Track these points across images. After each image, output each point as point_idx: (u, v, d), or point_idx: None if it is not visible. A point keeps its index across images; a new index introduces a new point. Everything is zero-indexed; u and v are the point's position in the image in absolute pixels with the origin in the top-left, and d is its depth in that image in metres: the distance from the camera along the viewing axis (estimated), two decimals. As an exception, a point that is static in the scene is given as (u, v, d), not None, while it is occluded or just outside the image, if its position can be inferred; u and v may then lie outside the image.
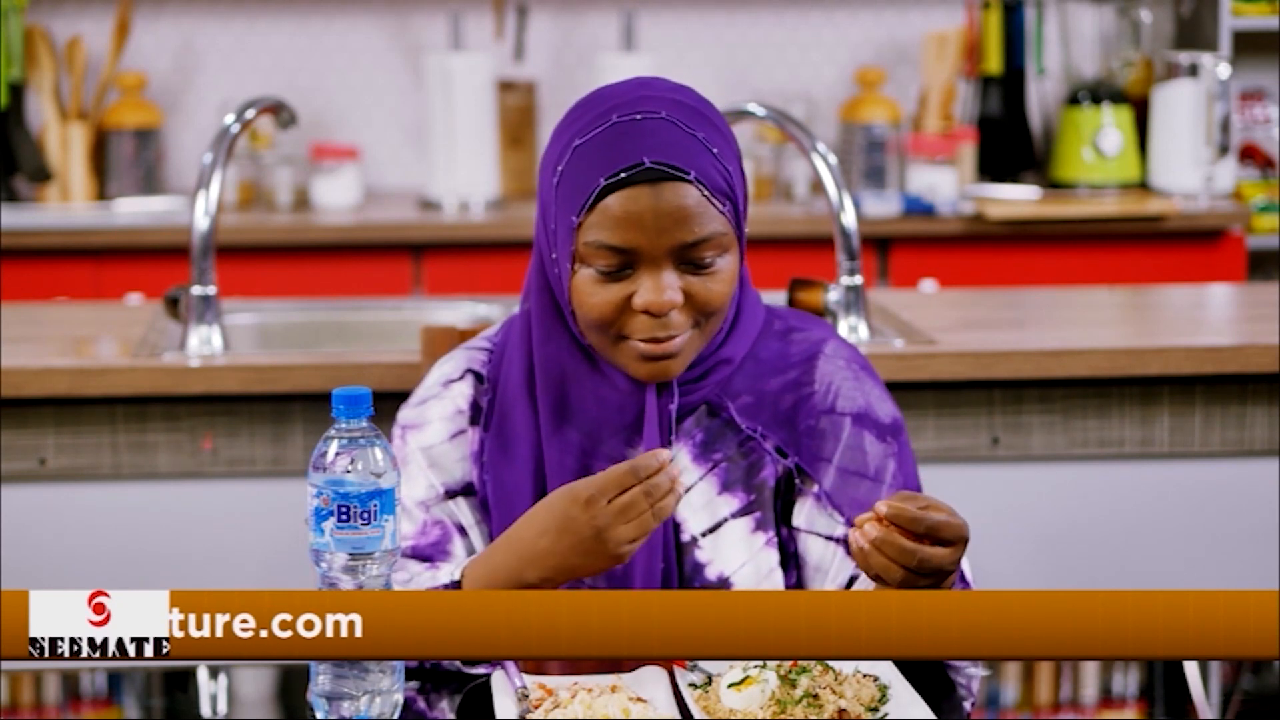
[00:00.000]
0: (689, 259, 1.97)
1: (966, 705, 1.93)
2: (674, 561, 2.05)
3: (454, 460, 2.10)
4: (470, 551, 2.08)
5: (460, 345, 2.19)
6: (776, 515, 2.07)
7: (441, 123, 4.64)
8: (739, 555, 2.05)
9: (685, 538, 2.05)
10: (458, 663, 1.94)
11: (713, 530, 2.06)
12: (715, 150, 1.98)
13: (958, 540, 1.79)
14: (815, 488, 2.05)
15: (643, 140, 1.95)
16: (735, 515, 2.06)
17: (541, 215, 2.02)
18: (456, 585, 1.96)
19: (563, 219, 1.97)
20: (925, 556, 1.77)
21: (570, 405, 2.05)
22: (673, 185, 1.94)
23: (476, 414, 2.11)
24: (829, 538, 2.05)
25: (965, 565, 1.99)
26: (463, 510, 2.09)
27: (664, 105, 1.98)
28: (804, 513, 2.07)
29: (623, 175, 1.94)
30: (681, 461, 2.07)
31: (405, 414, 2.14)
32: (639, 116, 1.97)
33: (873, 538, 1.78)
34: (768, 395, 2.08)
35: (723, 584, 2.05)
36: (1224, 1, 4.72)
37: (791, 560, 2.07)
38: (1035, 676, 2.09)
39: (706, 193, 1.95)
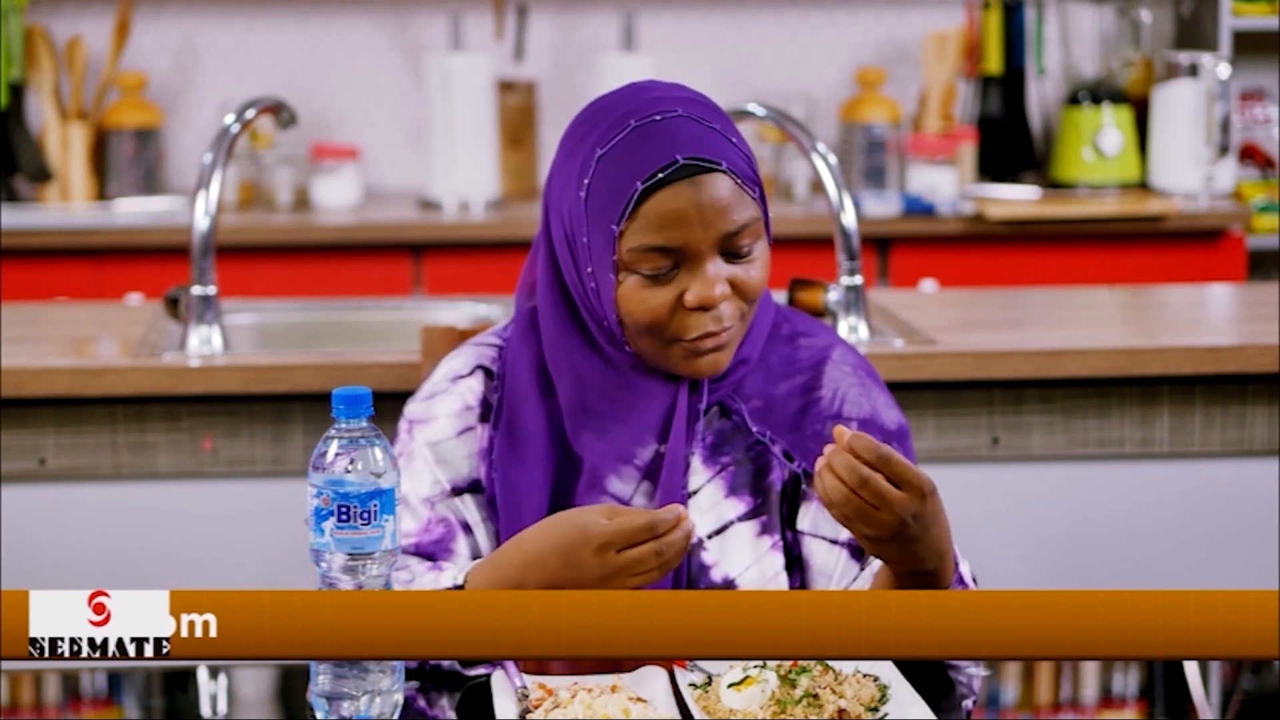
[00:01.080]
0: (730, 248, 1.98)
1: (967, 704, 1.93)
2: (683, 562, 2.05)
3: (461, 457, 2.10)
4: (474, 550, 2.08)
5: (469, 341, 2.19)
6: (782, 519, 2.07)
7: (441, 123, 4.64)
8: (745, 558, 2.06)
9: (692, 539, 2.05)
10: (455, 664, 1.94)
11: (719, 532, 2.06)
12: (734, 140, 2.00)
13: (911, 485, 1.78)
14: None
15: (669, 139, 1.96)
16: (742, 518, 2.06)
17: (566, 233, 2.01)
18: (459, 589, 1.96)
19: (599, 230, 1.97)
20: (869, 479, 1.76)
21: (591, 410, 2.04)
22: (709, 177, 1.95)
23: (486, 411, 2.11)
24: (833, 541, 2.05)
25: (966, 568, 1.99)
26: (468, 508, 2.09)
27: (677, 104, 1.99)
28: (809, 517, 2.07)
29: (659, 175, 1.94)
30: (692, 465, 2.07)
31: (413, 409, 2.14)
32: (658, 117, 1.97)
33: (828, 457, 1.78)
34: (776, 399, 2.09)
35: (728, 586, 2.05)
36: (1224, 1, 4.72)
37: (796, 564, 2.07)
38: (1035, 676, 2.09)
39: (738, 181, 1.97)
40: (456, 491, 2.09)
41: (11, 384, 2.75)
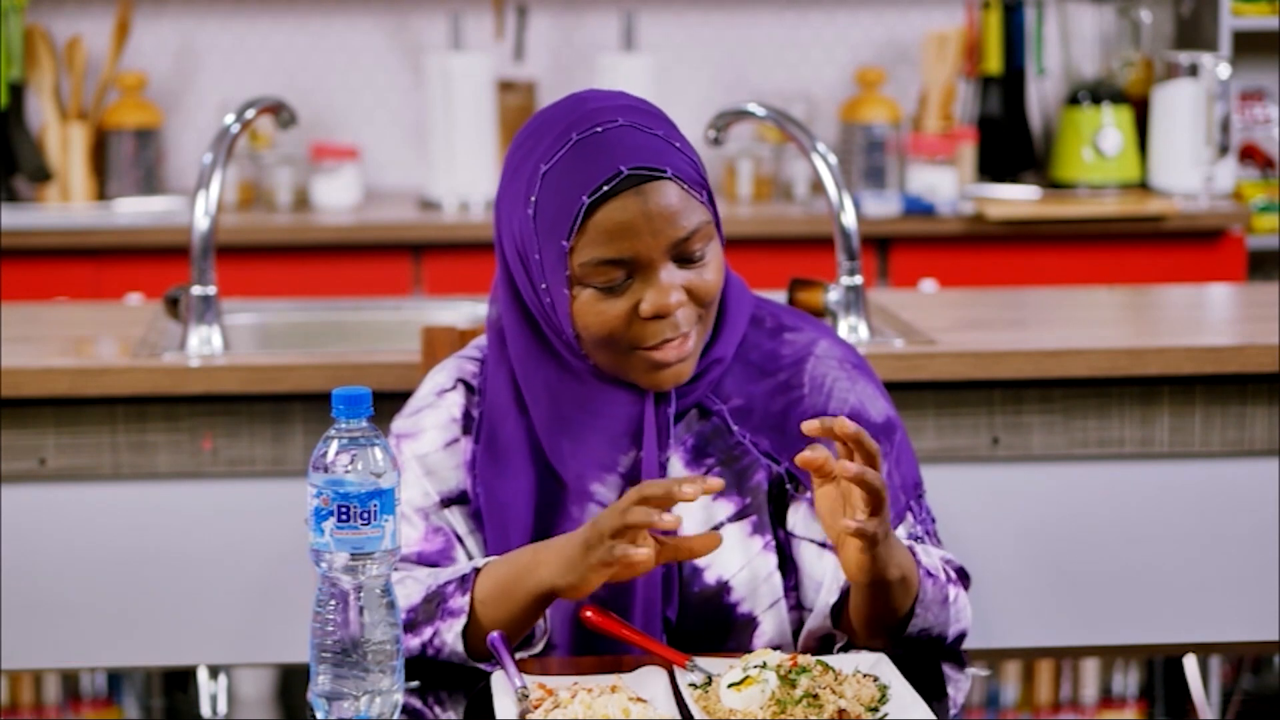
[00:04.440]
0: (682, 254, 1.97)
1: (951, 713, 1.93)
2: (675, 565, 2.04)
3: (449, 468, 2.10)
4: (469, 559, 2.08)
5: (452, 355, 2.19)
6: (771, 519, 2.07)
7: (441, 123, 4.64)
8: (737, 559, 2.05)
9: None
10: (460, 647, 1.94)
11: (709, 535, 2.06)
12: (678, 145, 1.99)
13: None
14: (808, 493, 2.05)
15: (612, 150, 1.95)
16: (731, 519, 2.06)
17: (519, 251, 2.01)
18: (476, 571, 1.97)
19: (549, 246, 1.97)
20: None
21: (566, 421, 2.04)
22: (654, 185, 1.95)
23: (469, 423, 2.11)
24: (822, 544, 2.04)
25: (933, 557, 1.99)
26: (456, 519, 2.09)
27: (617, 113, 1.99)
28: (798, 517, 2.06)
29: (605, 188, 1.94)
30: (674, 468, 2.06)
31: (399, 424, 2.14)
32: (599, 129, 1.97)
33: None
34: (757, 398, 2.08)
35: (721, 587, 2.05)
36: (1224, 1, 4.72)
37: (789, 563, 2.07)
38: (1035, 676, 2.09)
39: (685, 186, 1.97)
40: (445, 503, 2.10)
41: (11, 384, 2.75)
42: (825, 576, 2.03)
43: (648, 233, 1.94)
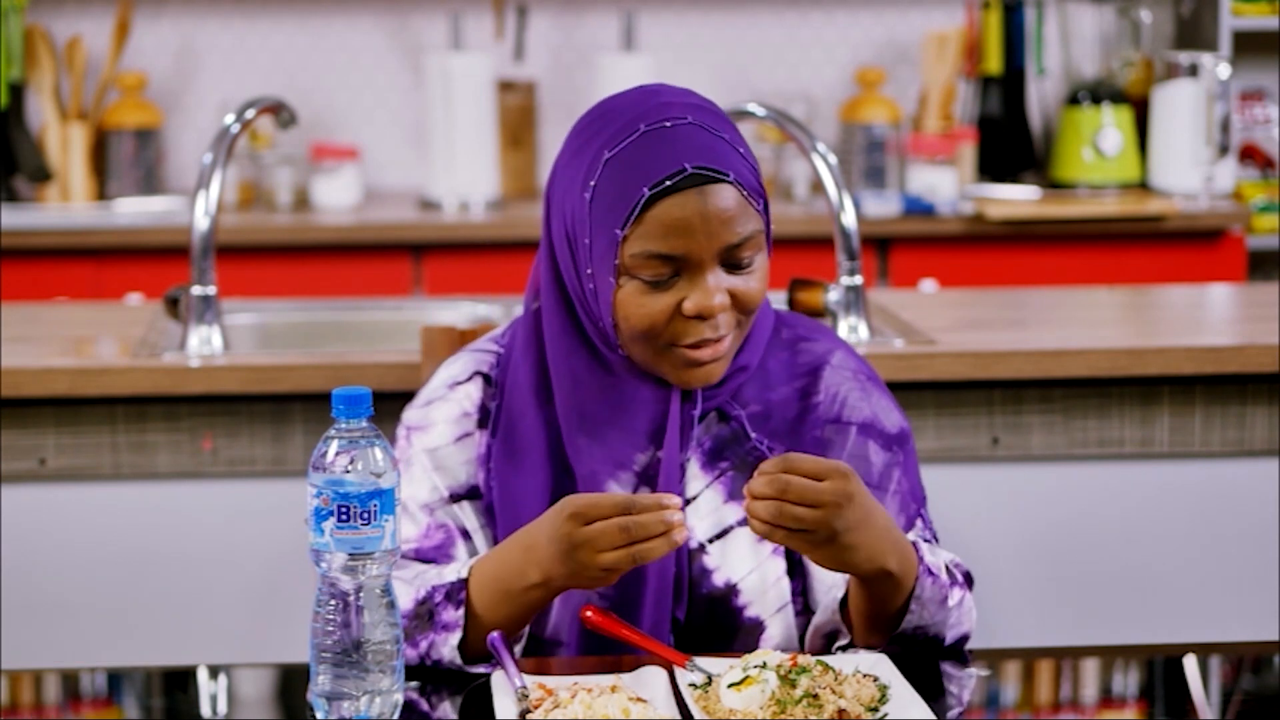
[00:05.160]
0: (731, 260, 1.98)
1: (955, 712, 1.93)
2: (685, 566, 2.05)
3: (459, 463, 2.10)
4: (473, 555, 2.08)
5: (466, 347, 2.19)
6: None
7: (441, 123, 4.64)
8: (746, 563, 2.05)
9: (693, 544, 2.05)
10: (458, 659, 1.94)
11: (719, 537, 2.06)
12: (741, 151, 1.99)
13: (829, 470, 1.83)
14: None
15: (678, 146, 1.95)
16: (742, 523, 2.06)
17: (568, 233, 2.01)
18: (464, 582, 1.96)
19: (602, 233, 1.97)
20: (789, 480, 1.82)
21: (588, 416, 2.04)
22: (715, 188, 1.95)
23: (484, 417, 2.11)
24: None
25: (941, 557, 1.98)
26: (466, 514, 2.09)
27: (687, 110, 1.99)
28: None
29: (667, 183, 1.94)
30: (690, 470, 2.07)
31: (410, 415, 2.14)
32: (668, 124, 1.97)
33: (748, 493, 1.84)
34: (774, 404, 2.09)
35: (730, 590, 2.05)
36: (1224, 1, 4.72)
37: (798, 567, 2.07)
38: (1035, 676, 2.09)
39: (744, 193, 1.97)
40: (455, 498, 2.09)
41: (11, 384, 2.75)
42: (834, 577, 2.03)
43: (703, 233, 1.95)
